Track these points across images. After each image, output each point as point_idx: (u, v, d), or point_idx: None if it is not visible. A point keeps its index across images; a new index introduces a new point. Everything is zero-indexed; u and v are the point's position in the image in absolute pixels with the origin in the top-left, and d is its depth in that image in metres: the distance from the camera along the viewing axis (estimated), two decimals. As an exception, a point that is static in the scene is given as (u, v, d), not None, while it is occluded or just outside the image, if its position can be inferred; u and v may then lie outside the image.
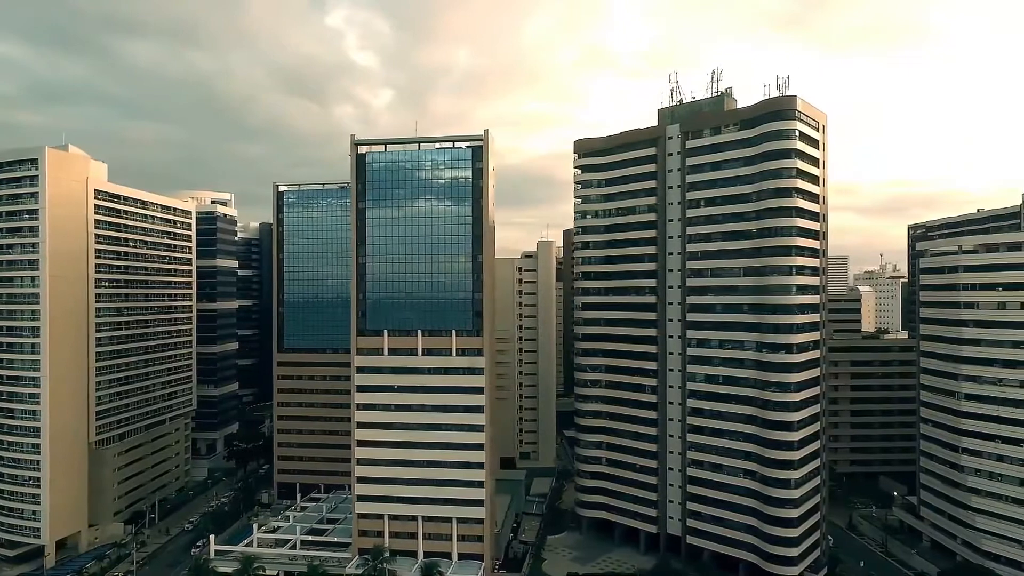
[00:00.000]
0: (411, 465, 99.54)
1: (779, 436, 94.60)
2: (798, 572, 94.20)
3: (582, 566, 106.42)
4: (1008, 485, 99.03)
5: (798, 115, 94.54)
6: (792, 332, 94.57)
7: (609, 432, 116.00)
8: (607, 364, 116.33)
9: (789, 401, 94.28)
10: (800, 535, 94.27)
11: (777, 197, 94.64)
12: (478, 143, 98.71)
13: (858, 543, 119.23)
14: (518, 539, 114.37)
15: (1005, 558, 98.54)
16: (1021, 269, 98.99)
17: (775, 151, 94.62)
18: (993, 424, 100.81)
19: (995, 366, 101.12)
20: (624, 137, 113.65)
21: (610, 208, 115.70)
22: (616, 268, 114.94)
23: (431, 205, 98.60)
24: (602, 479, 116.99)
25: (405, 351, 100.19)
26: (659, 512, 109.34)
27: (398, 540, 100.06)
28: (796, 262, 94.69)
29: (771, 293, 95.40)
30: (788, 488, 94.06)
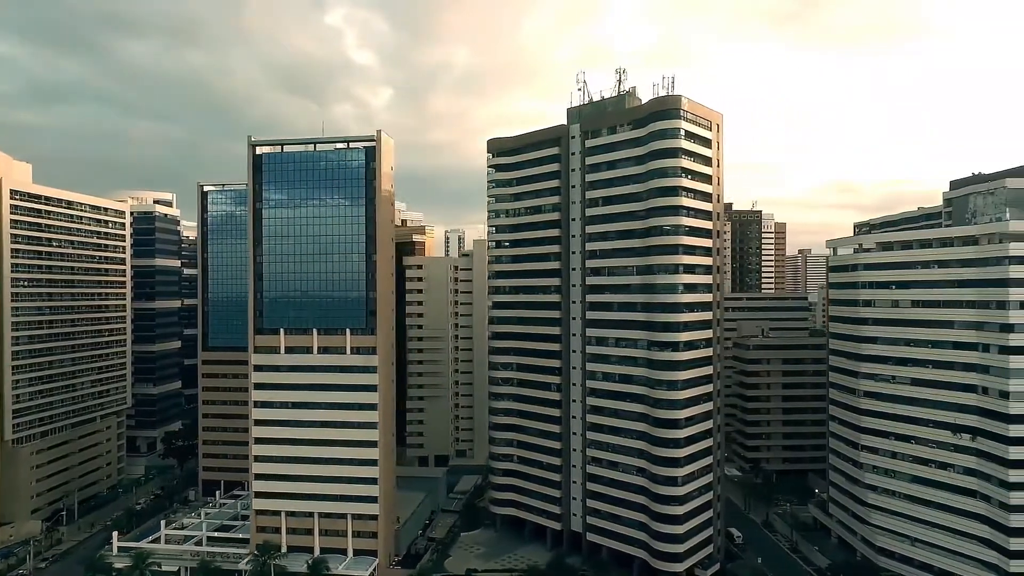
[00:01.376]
0: (307, 462, 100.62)
1: (666, 434, 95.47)
2: (683, 568, 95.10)
3: (485, 562, 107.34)
4: (901, 482, 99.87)
5: (684, 115, 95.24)
6: (678, 330, 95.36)
7: (520, 430, 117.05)
8: (518, 363, 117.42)
9: (675, 399, 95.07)
10: (686, 532, 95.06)
11: (663, 196, 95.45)
12: (371, 144, 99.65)
13: (770, 540, 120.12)
14: (426, 536, 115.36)
15: (899, 554, 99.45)
16: (911, 267, 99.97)
17: (661, 150, 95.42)
18: (888, 421, 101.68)
19: (889, 363, 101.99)
20: (532, 137, 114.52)
21: (519, 207, 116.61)
22: (524, 267, 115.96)
23: (325, 205, 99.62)
24: (513, 477, 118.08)
25: (301, 349, 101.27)
26: (563, 509, 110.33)
27: (295, 536, 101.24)
28: (682, 261, 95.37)
29: (658, 292, 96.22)
30: (674, 485, 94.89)
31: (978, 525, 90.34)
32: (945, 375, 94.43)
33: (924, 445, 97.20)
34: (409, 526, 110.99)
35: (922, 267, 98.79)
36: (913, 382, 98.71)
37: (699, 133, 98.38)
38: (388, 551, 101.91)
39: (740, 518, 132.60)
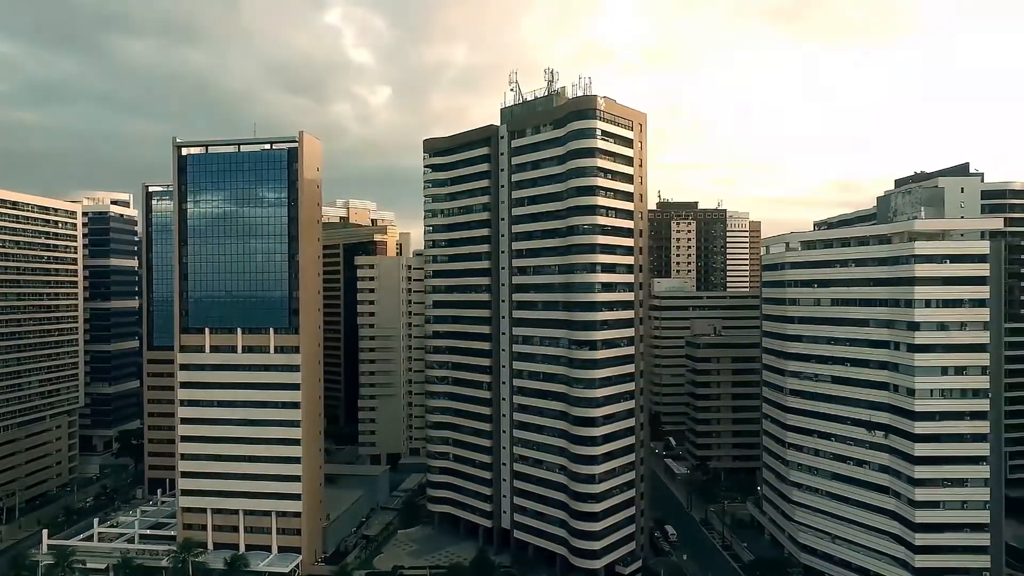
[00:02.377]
0: (232, 460, 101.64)
1: (583, 432, 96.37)
2: (601, 565, 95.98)
3: (415, 559, 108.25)
4: (822, 479, 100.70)
5: (600, 115, 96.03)
6: (595, 329, 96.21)
7: (454, 428, 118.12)
8: (453, 362, 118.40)
9: (592, 397, 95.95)
10: (603, 529, 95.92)
11: (580, 196, 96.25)
12: (294, 145, 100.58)
13: (706, 537, 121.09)
14: (360, 533, 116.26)
15: (821, 551, 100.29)
16: (831, 266, 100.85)
17: (578, 150, 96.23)
18: (811, 419, 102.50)
19: (812, 361, 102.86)
20: (464, 137, 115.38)
21: (453, 207, 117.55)
22: (458, 267, 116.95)
23: (249, 205, 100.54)
24: (449, 475, 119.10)
25: (227, 348, 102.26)
26: (493, 507, 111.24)
27: (222, 533, 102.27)
28: (598, 260, 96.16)
29: (576, 291, 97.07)
30: (592, 483, 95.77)
31: (890, 522, 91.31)
32: (861, 373, 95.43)
33: (843, 443, 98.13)
34: (340, 523, 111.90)
35: (840, 266, 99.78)
36: (833, 380, 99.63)
37: (619, 133, 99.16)
38: (314, 548, 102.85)
39: (682, 515, 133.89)
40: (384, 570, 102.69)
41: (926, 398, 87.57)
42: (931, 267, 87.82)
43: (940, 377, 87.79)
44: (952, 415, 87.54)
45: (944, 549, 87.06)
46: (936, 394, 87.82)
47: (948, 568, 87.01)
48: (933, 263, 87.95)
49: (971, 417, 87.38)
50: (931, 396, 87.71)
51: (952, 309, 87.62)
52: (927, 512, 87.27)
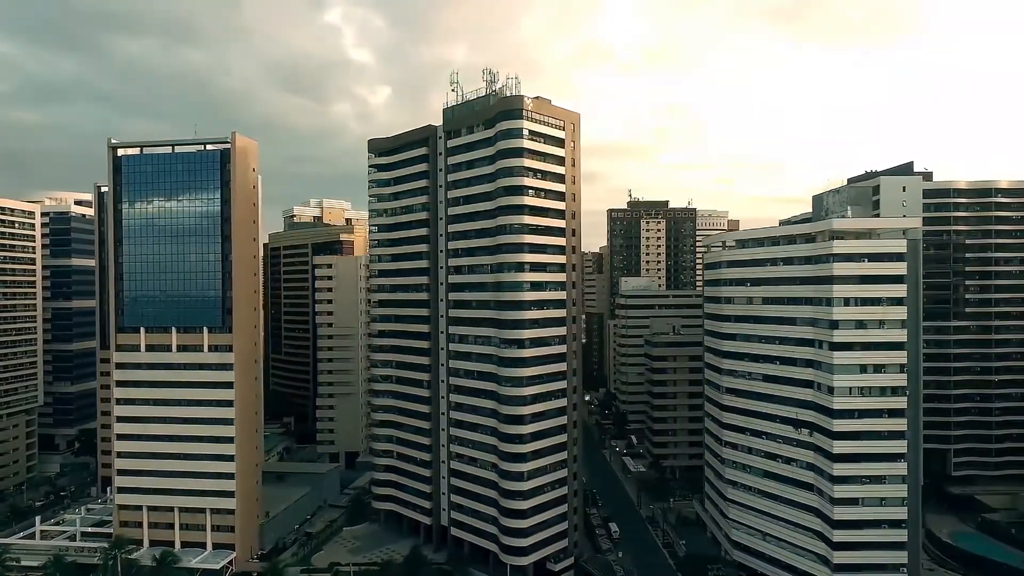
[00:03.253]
0: (167, 458, 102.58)
1: (512, 429, 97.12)
2: (529, 562, 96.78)
3: (354, 556, 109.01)
4: (754, 477, 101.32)
5: (528, 115, 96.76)
6: (522, 328, 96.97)
7: (397, 427, 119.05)
8: (396, 360, 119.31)
9: (519, 395, 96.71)
10: (531, 526, 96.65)
11: (508, 195, 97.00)
12: (227, 146, 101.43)
13: (649, 535, 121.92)
14: (303, 530, 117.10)
15: (753, 549, 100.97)
16: (762, 265, 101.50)
17: (506, 150, 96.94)
18: (744, 417, 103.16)
19: (745, 360, 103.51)
20: (406, 137, 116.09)
21: (396, 207, 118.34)
22: (400, 266, 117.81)
23: (182, 206, 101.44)
24: (392, 472, 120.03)
25: (161, 347, 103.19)
26: (433, 504, 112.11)
27: (158, 531, 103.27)
28: (526, 259, 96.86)
29: (504, 290, 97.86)
30: (520, 480, 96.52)
31: (814, 519, 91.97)
32: (789, 371, 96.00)
33: (774, 440, 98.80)
34: (280, 520, 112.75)
35: (770, 264, 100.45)
36: (765, 378, 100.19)
37: (549, 133, 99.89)
38: (249, 545, 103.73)
39: (631, 513, 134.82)
40: (320, 567, 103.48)
41: (844, 396, 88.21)
42: (849, 266, 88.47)
43: (859, 375, 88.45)
44: (870, 413, 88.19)
45: (862, 545, 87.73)
46: (855, 392, 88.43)
47: (866, 564, 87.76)
48: (852, 262, 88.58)
49: (889, 415, 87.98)
50: (849, 394, 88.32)
51: (870, 307, 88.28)
52: (845, 509, 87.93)
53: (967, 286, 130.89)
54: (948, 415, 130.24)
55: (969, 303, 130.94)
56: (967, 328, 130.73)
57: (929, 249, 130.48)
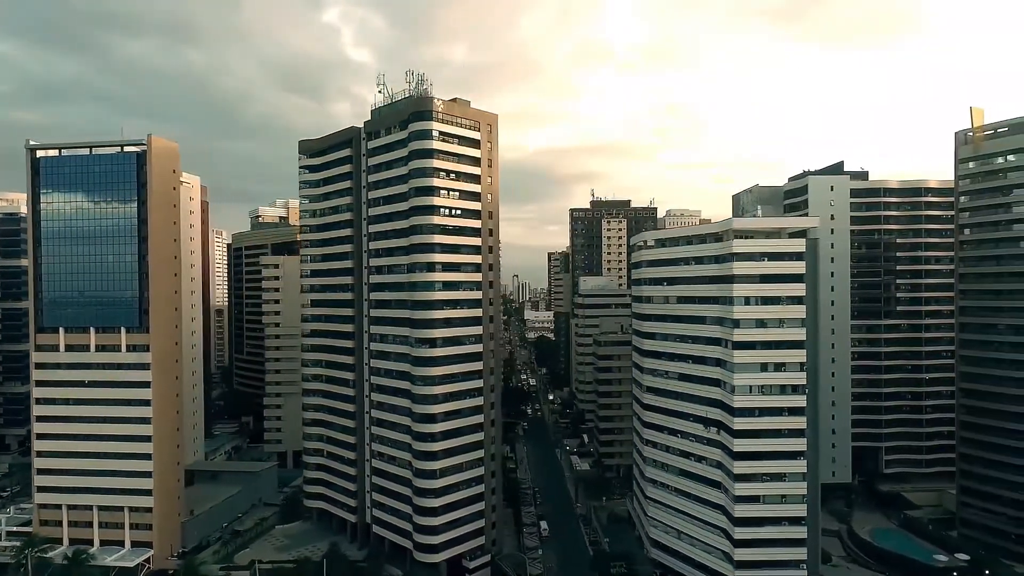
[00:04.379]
0: (86, 457, 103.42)
1: (424, 428, 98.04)
2: (439, 559, 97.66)
3: (279, 554, 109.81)
4: (670, 475, 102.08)
5: (438, 116, 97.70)
6: (433, 327, 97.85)
7: (327, 426, 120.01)
8: (325, 360, 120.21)
9: (430, 394, 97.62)
10: (442, 524, 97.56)
11: (419, 196, 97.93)
12: (143, 148, 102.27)
13: (580, 533, 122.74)
14: (232, 528, 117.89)
15: (670, 548, 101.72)
16: (676, 264, 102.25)
17: (418, 151, 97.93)
18: (661, 415, 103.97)
19: (663, 359, 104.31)
20: (332, 138, 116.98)
21: (324, 208, 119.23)
22: (328, 266, 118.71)
23: (100, 207, 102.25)
24: (322, 471, 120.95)
25: (80, 347, 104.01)
26: (358, 502, 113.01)
27: (78, 529, 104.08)
28: (436, 259, 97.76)
29: (416, 289, 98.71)
30: (432, 479, 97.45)
31: (721, 516, 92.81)
32: (701, 370, 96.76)
33: (687, 439, 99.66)
34: (206, 519, 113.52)
35: (684, 264, 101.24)
36: (680, 377, 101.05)
37: (462, 134, 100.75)
38: (169, 543, 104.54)
39: (567, 511, 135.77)
40: (241, 564, 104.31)
41: (745, 394, 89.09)
42: (749, 264, 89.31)
43: (759, 373, 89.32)
44: (771, 411, 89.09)
45: (763, 542, 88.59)
46: (755, 390, 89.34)
47: (767, 561, 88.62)
48: (752, 261, 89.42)
49: (789, 413, 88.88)
50: (750, 392, 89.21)
51: (770, 306, 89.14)
52: (747, 506, 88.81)
53: (898, 285, 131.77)
54: (879, 413, 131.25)
55: (900, 302, 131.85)
56: (898, 327, 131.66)
57: (861, 248, 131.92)
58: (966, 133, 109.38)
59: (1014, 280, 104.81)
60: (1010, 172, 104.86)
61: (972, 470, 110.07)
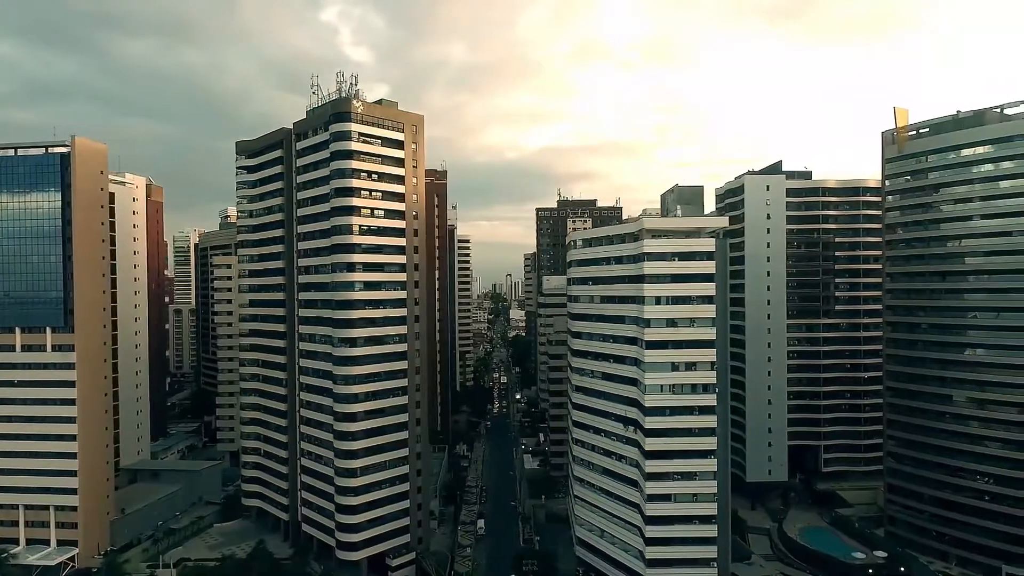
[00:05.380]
0: (11, 456, 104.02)
1: (344, 427, 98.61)
2: (359, 557, 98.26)
3: (211, 552, 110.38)
4: (594, 474, 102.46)
5: (358, 117, 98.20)
6: (353, 327, 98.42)
7: (263, 424, 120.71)
8: (262, 359, 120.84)
9: (350, 393, 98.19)
10: (362, 522, 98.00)
11: (339, 197, 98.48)
12: (66, 149, 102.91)
13: (517, 532, 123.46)
14: (167, 526, 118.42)
15: (593, 546, 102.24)
16: (599, 263, 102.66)
17: (337, 152, 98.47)
18: (587, 415, 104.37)
19: (588, 358, 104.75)
20: (266, 139, 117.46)
21: (259, 208, 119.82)
22: (263, 266, 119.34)
23: (24, 207, 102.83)
24: (259, 469, 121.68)
25: (6, 347, 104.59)
26: (290, 500, 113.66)
27: (4, 528, 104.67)
28: (355, 259, 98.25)
29: (337, 289, 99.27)
30: (352, 477, 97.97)
31: (636, 515, 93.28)
32: (621, 369, 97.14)
33: (609, 438, 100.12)
34: (136, 517, 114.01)
35: (606, 263, 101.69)
36: (603, 376, 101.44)
37: (384, 135, 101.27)
38: (96, 542, 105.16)
39: (509, 510, 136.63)
40: (169, 563, 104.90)
41: (656, 393, 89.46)
42: (660, 264, 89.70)
43: (670, 372, 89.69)
44: (682, 410, 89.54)
45: (674, 541, 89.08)
46: (666, 389, 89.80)
47: (678, 559, 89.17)
48: (663, 260, 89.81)
49: (700, 412, 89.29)
50: (661, 391, 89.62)
51: (681, 306, 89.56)
52: (657, 505, 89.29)
53: (837, 284, 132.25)
54: (818, 412, 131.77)
55: (839, 301, 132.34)
56: (837, 326, 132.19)
57: (800, 247, 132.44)
58: (893, 133, 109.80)
59: (936, 279, 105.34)
60: (931, 172, 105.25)
61: (899, 468, 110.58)
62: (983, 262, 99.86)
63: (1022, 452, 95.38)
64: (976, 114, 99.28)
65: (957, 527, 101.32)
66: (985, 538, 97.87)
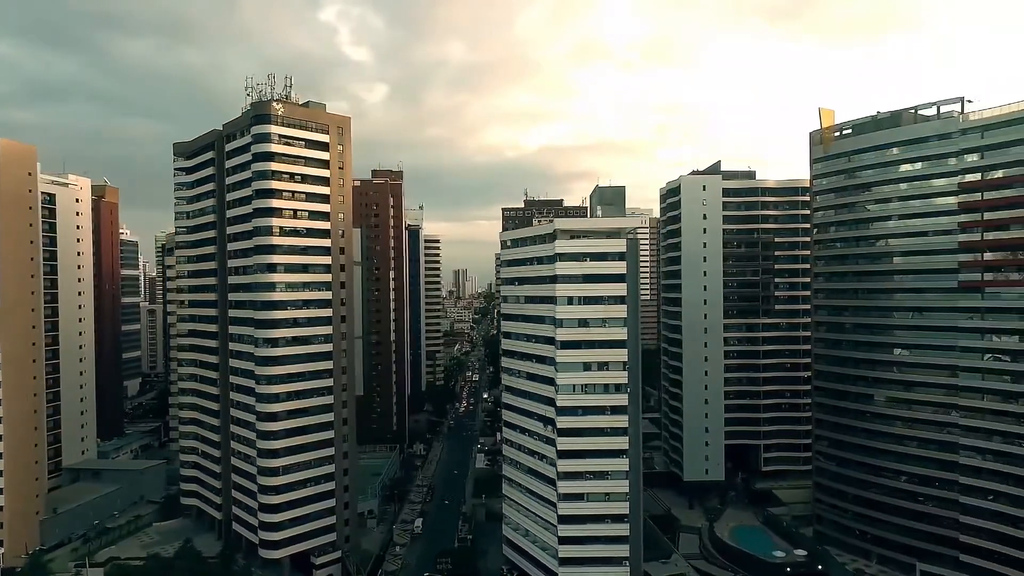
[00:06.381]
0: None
1: (265, 427, 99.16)
2: (280, 555, 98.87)
3: (144, 550, 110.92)
4: (519, 473, 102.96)
5: (278, 120, 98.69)
6: (273, 327, 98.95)
7: (199, 424, 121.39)
8: (199, 359, 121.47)
9: (271, 393, 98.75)
10: (282, 521, 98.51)
11: (260, 198, 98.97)
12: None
13: (455, 530, 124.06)
14: (102, 525, 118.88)
15: (516, 545, 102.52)
16: (523, 264, 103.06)
17: (258, 154, 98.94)
18: (513, 414, 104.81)
19: (515, 358, 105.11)
20: (201, 140, 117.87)
21: (194, 209, 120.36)
22: (198, 267, 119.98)
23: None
24: (196, 468, 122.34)
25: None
26: (223, 499, 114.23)
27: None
28: (275, 260, 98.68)
29: (258, 290, 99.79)
30: (273, 476, 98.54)
31: (552, 513, 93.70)
32: (541, 369, 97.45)
33: (533, 437, 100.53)
34: (68, 517, 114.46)
35: (528, 264, 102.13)
36: (528, 376, 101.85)
37: (308, 137, 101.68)
38: (24, 541, 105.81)
39: (454, 509, 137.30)
40: (98, 562, 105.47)
41: (569, 393, 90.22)
42: (573, 264, 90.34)
43: (582, 372, 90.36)
44: (594, 410, 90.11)
45: (587, 540, 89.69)
46: (579, 389, 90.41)
47: (590, 558, 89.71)
48: (575, 261, 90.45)
49: (612, 412, 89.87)
50: (573, 391, 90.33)
51: (593, 306, 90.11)
52: (570, 504, 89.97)
53: (777, 284, 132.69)
54: (758, 411, 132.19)
55: (779, 300, 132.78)
56: (777, 325, 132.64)
57: (740, 247, 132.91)
58: (820, 134, 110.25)
59: (857, 279, 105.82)
60: (853, 172, 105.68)
61: (826, 467, 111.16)
62: (902, 262, 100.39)
63: (939, 451, 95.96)
64: (893, 115, 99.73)
65: (877, 525, 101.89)
66: (903, 536, 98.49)
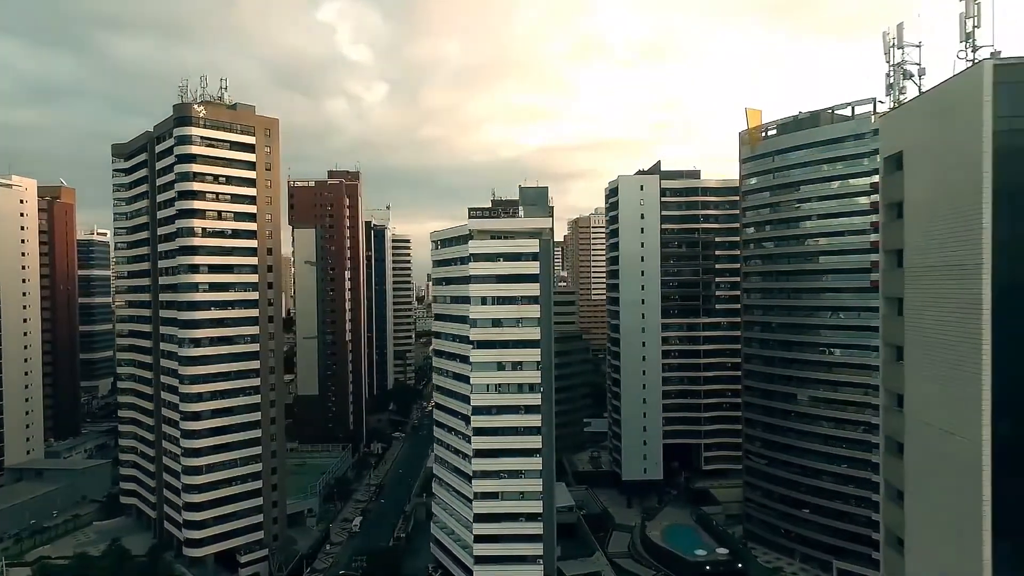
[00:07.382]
0: None
1: (187, 426, 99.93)
2: (203, 554, 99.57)
3: (79, 548, 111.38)
4: (446, 472, 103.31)
5: (200, 122, 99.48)
6: (196, 327, 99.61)
7: (137, 424, 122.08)
8: (136, 359, 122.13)
9: (193, 392, 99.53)
10: (207, 519, 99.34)
11: (182, 200, 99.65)
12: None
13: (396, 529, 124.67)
14: (39, 524, 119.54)
15: (443, 545, 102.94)
16: (446, 265, 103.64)
17: (180, 155, 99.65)
18: (443, 414, 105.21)
19: (443, 358, 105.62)
20: (136, 142, 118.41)
21: (132, 210, 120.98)
22: (134, 268, 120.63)
23: None
24: (134, 468, 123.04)
25: None
26: (157, 499, 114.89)
27: None
28: (197, 261, 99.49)
29: (181, 291, 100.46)
30: (195, 474, 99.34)
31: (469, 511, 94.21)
32: (464, 369, 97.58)
33: (457, 436, 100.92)
34: (8, 516, 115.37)
35: (451, 264, 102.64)
36: (455, 376, 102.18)
37: (233, 139, 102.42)
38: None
39: (399, 508, 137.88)
40: (28, 561, 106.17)
41: (482, 392, 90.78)
42: (486, 265, 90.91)
43: (496, 372, 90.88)
44: (508, 409, 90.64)
45: (501, 538, 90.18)
46: (492, 388, 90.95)
47: (505, 556, 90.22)
48: (488, 261, 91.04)
49: (526, 411, 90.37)
50: (487, 390, 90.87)
51: (506, 306, 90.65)
52: (485, 503, 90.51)
53: (717, 283, 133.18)
54: (699, 411, 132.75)
55: (720, 300, 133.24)
56: (718, 325, 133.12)
57: (681, 247, 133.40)
58: (748, 133, 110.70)
59: (783, 279, 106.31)
60: (776, 172, 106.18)
61: (753, 466, 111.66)
62: (823, 262, 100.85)
63: (857, 450, 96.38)
64: (813, 115, 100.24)
65: (800, 524, 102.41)
66: (823, 535, 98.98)
